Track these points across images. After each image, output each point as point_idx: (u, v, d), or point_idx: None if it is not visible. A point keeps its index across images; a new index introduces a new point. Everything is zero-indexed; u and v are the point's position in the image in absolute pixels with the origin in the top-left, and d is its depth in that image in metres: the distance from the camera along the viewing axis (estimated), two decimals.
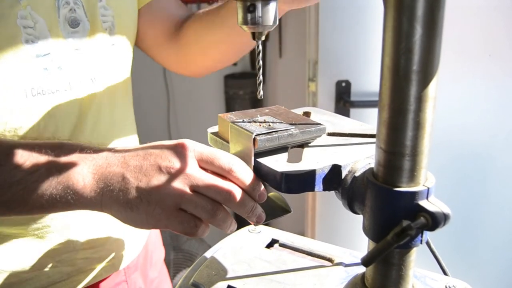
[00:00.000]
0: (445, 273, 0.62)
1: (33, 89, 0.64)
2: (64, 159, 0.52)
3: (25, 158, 0.51)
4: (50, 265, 0.72)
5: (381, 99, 0.41)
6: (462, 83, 1.31)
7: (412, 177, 0.42)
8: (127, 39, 0.81)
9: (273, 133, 0.53)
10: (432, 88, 0.38)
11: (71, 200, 0.51)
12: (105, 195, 0.51)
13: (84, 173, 0.51)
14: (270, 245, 0.70)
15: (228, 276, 0.61)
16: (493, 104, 1.33)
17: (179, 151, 0.51)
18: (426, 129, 0.40)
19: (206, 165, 0.52)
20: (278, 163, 0.51)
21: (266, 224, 0.62)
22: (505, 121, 1.35)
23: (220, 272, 0.62)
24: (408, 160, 0.41)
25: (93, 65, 0.72)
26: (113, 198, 0.51)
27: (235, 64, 2.30)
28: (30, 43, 0.63)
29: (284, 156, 0.53)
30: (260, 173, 0.52)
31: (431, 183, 0.42)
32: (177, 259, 2.09)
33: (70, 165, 0.51)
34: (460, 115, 1.33)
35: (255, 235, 0.71)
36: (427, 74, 0.38)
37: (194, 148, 0.52)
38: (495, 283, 1.55)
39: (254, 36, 0.59)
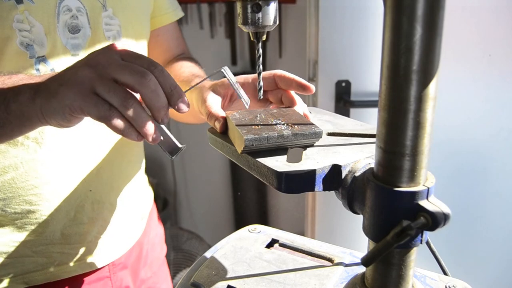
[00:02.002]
0: (445, 273, 0.62)
1: None
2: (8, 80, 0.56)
3: None
4: (25, 254, 0.75)
5: (381, 99, 0.41)
6: (462, 83, 1.31)
7: (412, 177, 0.42)
8: (135, 48, 0.82)
9: (262, 133, 0.53)
10: (432, 88, 0.38)
11: (12, 104, 0.54)
12: (38, 93, 0.54)
13: (23, 88, 0.55)
14: (270, 245, 0.70)
15: (228, 276, 0.61)
16: (493, 104, 1.33)
17: (105, 49, 0.54)
18: (426, 129, 0.40)
19: (130, 59, 0.54)
20: (278, 163, 0.51)
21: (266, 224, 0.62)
22: (505, 121, 1.35)
23: (220, 272, 0.62)
24: (408, 160, 0.41)
25: None
26: (43, 93, 0.53)
27: (235, 64, 2.30)
28: (24, 46, 0.66)
29: (284, 156, 0.53)
30: (261, 173, 0.52)
31: (431, 183, 0.42)
32: (177, 259, 2.09)
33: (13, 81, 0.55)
34: (460, 115, 1.33)
35: (255, 235, 0.71)
36: (427, 74, 0.38)
37: (121, 47, 0.54)
38: (495, 283, 1.55)
39: (255, 36, 0.60)
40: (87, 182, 0.77)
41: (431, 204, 0.41)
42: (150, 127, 0.53)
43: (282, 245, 0.70)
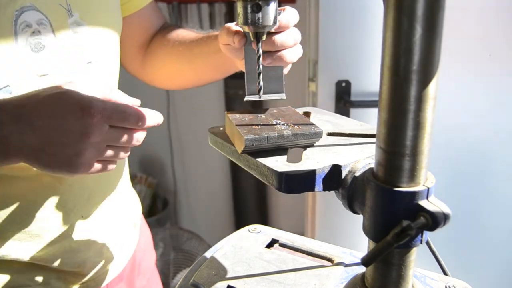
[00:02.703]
0: (445, 273, 0.62)
1: None
2: None
3: None
4: (22, 269, 0.70)
5: (381, 99, 0.41)
6: (462, 83, 1.30)
7: (412, 177, 0.42)
8: (110, 54, 0.75)
9: (263, 133, 0.53)
10: (432, 88, 0.38)
11: None
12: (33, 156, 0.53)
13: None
14: (270, 245, 0.70)
15: (228, 276, 0.61)
16: (493, 104, 1.33)
17: (87, 114, 0.52)
18: (426, 129, 0.40)
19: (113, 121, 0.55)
20: (278, 163, 0.51)
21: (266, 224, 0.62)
22: (505, 121, 1.35)
23: (220, 272, 0.62)
24: (408, 160, 0.41)
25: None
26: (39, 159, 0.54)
27: None
28: None
29: (284, 156, 0.53)
30: (261, 173, 0.52)
31: (431, 183, 0.42)
32: (177, 259, 2.10)
33: None
34: (460, 115, 1.33)
35: (255, 235, 0.71)
36: (427, 74, 0.38)
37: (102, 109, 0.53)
38: (495, 283, 1.55)
39: (255, 36, 0.60)
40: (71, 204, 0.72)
41: (431, 204, 0.41)
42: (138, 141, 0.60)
43: (282, 245, 0.70)
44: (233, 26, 0.65)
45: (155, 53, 0.90)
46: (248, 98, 0.66)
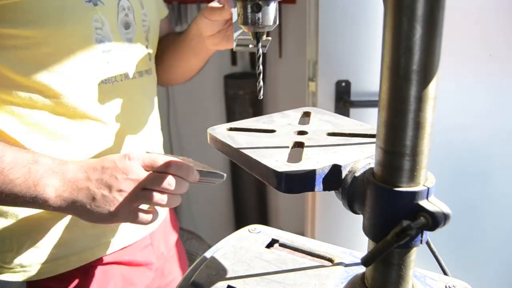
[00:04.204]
0: (445, 273, 0.62)
1: (97, 78, 0.77)
2: (39, 171, 0.63)
3: (8, 165, 0.62)
4: (77, 236, 0.81)
5: (381, 99, 0.41)
6: (462, 83, 1.30)
7: (412, 177, 0.42)
8: (155, 38, 0.94)
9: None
10: (432, 88, 0.38)
11: (40, 205, 0.64)
12: (73, 204, 0.64)
13: (56, 186, 0.64)
14: (270, 245, 0.70)
15: (228, 276, 0.61)
16: (493, 104, 1.33)
17: (128, 162, 0.64)
18: (426, 129, 0.40)
19: (148, 168, 0.66)
20: (278, 163, 0.51)
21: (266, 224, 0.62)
22: (505, 121, 1.35)
23: (220, 272, 0.62)
24: (408, 160, 0.41)
25: (138, 61, 0.86)
26: (81, 207, 0.64)
27: (235, 64, 2.30)
28: (98, 41, 0.76)
29: (284, 156, 0.53)
30: (261, 173, 0.52)
31: (431, 183, 0.42)
32: None
33: (43, 179, 0.63)
34: (460, 115, 1.33)
35: (255, 235, 0.71)
36: (427, 74, 0.38)
37: (138, 157, 0.65)
38: (495, 283, 1.55)
39: (255, 36, 0.60)
40: None
41: (431, 204, 0.41)
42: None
43: (282, 245, 0.70)
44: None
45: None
46: (237, 48, 0.74)
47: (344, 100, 1.36)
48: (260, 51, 0.60)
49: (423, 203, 0.41)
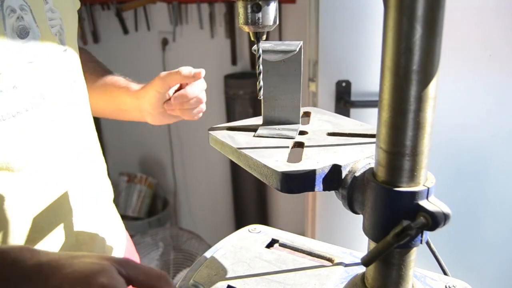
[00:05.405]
0: (445, 273, 0.62)
1: None
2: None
3: None
4: None
5: (381, 99, 0.41)
6: (462, 83, 1.31)
7: (412, 177, 0.42)
8: (75, 40, 0.75)
9: None
10: (432, 88, 0.38)
11: None
12: None
13: None
14: (270, 245, 0.70)
15: (228, 276, 0.61)
16: (493, 104, 1.33)
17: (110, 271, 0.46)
18: (426, 129, 0.40)
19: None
20: (278, 163, 0.51)
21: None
22: (505, 121, 1.35)
23: (220, 272, 0.62)
24: (408, 160, 0.41)
25: (47, 77, 0.64)
26: None
27: (235, 64, 2.30)
28: None
29: (284, 156, 0.53)
30: (261, 173, 0.52)
31: (431, 183, 0.42)
32: (177, 259, 2.10)
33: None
34: (460, 115, 1.33)
35: (255, 235, 0.71)
36: (427, 74, 0.38)
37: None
38: (495, 283, 1.55)
39: (255, 36, 0.59)
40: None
41: (431, 204, 0.41)
42: None
43: (282, 245, 0.70)
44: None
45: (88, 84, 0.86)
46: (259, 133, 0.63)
47: (344, 100, 1.36)
48: (260, 51, 0.60)
49: (423, 203, 0.41)
